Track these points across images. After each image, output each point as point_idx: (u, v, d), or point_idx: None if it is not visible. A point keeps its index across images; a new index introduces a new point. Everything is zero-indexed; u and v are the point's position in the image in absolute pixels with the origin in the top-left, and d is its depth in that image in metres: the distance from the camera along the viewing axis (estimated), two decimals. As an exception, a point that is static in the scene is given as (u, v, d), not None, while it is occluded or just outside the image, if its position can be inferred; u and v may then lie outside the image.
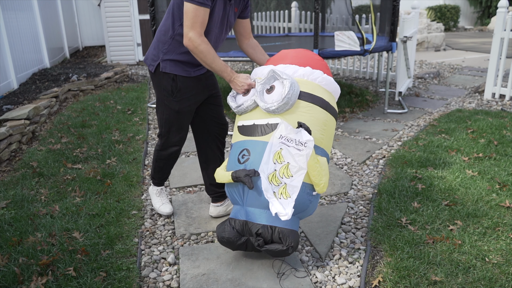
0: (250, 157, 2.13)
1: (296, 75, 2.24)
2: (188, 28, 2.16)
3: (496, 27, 5.37)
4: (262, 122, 2.17)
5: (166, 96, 2.39)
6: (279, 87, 2.17)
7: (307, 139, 2.04)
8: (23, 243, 2.45)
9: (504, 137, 3.98)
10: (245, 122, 2.24)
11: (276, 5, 11.77)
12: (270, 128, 2.14)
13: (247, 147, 2.17)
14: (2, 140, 3.76)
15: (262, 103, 2.16)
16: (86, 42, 10.17)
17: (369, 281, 2.16)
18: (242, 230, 2.16)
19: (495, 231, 2.50)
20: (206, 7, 2.16)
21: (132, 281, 2.15)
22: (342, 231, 2.63)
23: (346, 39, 4.30)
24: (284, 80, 2.14)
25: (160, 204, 2.80)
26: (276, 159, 2.07)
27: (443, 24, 15.05)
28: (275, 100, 2.14)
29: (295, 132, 2.07)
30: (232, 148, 2.29)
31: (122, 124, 4.70)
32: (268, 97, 2.19)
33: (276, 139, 2.09)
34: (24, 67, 6.11)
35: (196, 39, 2.16)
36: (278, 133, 2.09)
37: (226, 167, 2.26)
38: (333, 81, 2.30)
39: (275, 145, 2.09)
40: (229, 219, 2.21)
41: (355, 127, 4.61)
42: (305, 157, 2.03)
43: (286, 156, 2.06)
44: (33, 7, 6.67)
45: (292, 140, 2.07)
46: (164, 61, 2.34)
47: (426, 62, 8.69)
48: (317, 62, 2.34)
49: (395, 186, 3.07)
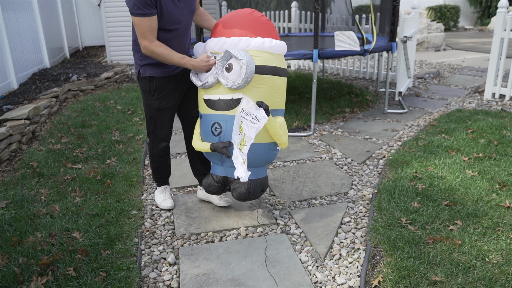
0: (222, 130, 2.49)
1: (250, 47, 2.46)
2: (141, 38, 2.37)
3: (496, 27, 5.37)
4: (227, 98, 2.46)
5: (147, 96, 2.64)
6: (237, 66, 2.42)
7: (262, 116, 2.39)
8: (23, 243, 2.45)
9: (504, 137, 3.98)
10: (211, 96, 2.51)
11: (276, 5, 11.77)
12: (235, 102, 2.46)
13: (218, 120, 2.49)
14: (2, 140, 3.76)
15: (224, 81, 2.43)
16: (86, 42, 10.17)
17: (369, 281, 2.16)
18: (224, 182, 2.64)
19: (495, 231, 2.50)
20: (151, 16, 2.33)
21: (132, 281, 2.15)
22: (342, 231, 2.63)
23: (346, 39, 4.30)
24: (240, 61, 2.36)
25: (162, 200, 2.91)
26: (239, 131, 2.45)
27: (443, 24, 15.05)
28: (235, 80, 2.42)
29: (255, 107, 2.42)
30: (202, 119, 2.58)
31: (122, 124, 4.70)
32: (228, 75, 2.44)
33: (239, 112, 2.44)
34: (24, 67, 6.11)
35: (149, 47, 2.38)
36: (240, 107, 2.43)
37: (201, 138, 2.62)
38: (281, 42, 2.55)
39: (238, 117, 2.45)
40: (211, 174, 2.66)
41: (355, 127, 4.61)
42: (255, 130, 2.40)
43: (245, 128, 2.43)
44: (33, 7, 6.66)
45: (250, 114, 2.42)
46: (142, 67, 2.58)
47: (426, 62, 8.69)
48: (264, 25, 2.54)
49: (395, 186, 3.07)
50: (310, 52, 4.28)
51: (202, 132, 2.61)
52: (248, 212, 2.85)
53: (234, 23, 2.52)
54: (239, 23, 2.51)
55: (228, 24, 2.53)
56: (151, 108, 2.66)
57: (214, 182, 2.64)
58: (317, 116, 4.95)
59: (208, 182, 2.66)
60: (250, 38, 2.46)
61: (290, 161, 3.71)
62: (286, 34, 6.75)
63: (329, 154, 3.84)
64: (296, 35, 6.59)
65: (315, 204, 2.96)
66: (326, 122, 4.80)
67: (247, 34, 2.49)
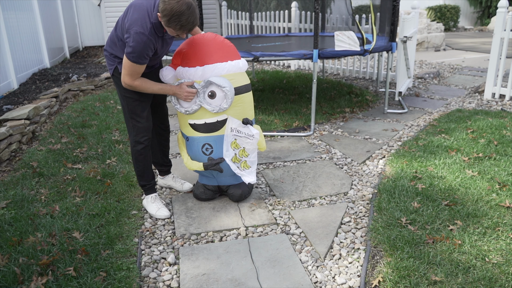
0: (213, 150, 2.79)
1: (224, 72, 2.67)
2: (124, 75, 2.51)
3: (496, 27, 5.37)
4: (212, 121, 2.73)
5: (126, 90, 2.66)
6: (220, 93, 2.65)
7: (255, 132, 2.75)
8: (23, 243, 2.45)
9: (504, 137, 3.98)
10: (196, 121, 2.74)
11: (276, 5, 11.78)
12: (221, 123, 2.74)
13: (208, 142, 2.77)
14: (2, 140, 3.76)
15: (209, 107, 2.67)
16: (86, 42, 10.17)
17: (369, 281, 2.16)
18: (216, 190, 3.00)
19: (495, 231, 2.50)
20: (143, 64, 2.49)
21: (132, 281, 2.16)
22: (342, 231, 2.63)
23: (346, 39, 4.30)
24: (223, 88, 2.62)
25: (157, 210, 2.83)
26: (234, 147, 2.79)
27: (443, 24, 15.05)
28: (219, 104, 2.67)
29: (242, 126, 2.75)
30: (190, 141, 2.82)
31: (122, 124, 4.70)
32: (212, 101, 2.67)
33: (229, 132, 2.76)
34: (24, 67, 6.11)
35: (130, 83, 2.53)
36: (228, 127, 2.74)
37: (191, 157, 2.87)
38: (244, 61, 2.83)
39: (229, 136, 2.76)
40: (204, 184, 2.98)
41: (355, 127, 4.61)
42: (255, 144, 2.81)
43: (241, 143, 2.79)
44: (33, 7, 6.67)
45: (241, 131, 2.76)
46: (120, 63, 2.63)
47: (426, 62, 8.69)
48: (229, 48, 2.74)
49: (395, 186, 3.07)
50: (310, 52, 4.28)
51: (191, 153, 2.85)
52: (248, 212, 2.85)
53: (203, 50, 2.66)
54: (207, 50, 2.66)
55: (197, 52, 2.66)
56: (130, 99, 2.68)
57: (208, 191, 2.97)
58: (317, 116, 4.95)
59: (201, 191, 2.97)
60: (222, 64, 2.67)
61: (290, 161, 3.71)
62: (286, 34, 6.74)
63: (329, 154, 3.84)
64: (296, 35, 6.59)
65: (315, 204, 2.96)
66: (326, 122, 4.80)
67: (217, 59, 2.66)
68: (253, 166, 2.85)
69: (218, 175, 2.89)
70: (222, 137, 2.77)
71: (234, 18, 8.91)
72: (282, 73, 7.55)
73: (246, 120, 2.74)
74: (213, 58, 2.66)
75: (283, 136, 4.35)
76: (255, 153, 2.85)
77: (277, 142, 4.20)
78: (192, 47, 2.67)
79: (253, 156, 2.84)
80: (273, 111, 5.14)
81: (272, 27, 8.25)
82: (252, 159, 2.84)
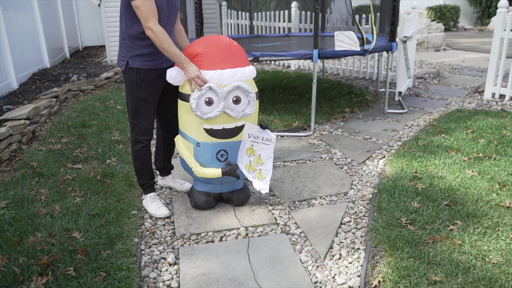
0: (229, 156, 2.75)
1: (245, 77, 2.64)
2: (145, 20, 2.45)
3: (496, 27, 5.37)
4: (231, 126, 2.67)
5: (133, 88, 2.68)
6: (245, 99, 2.64)
7: (272, 137, 2.74)
8: (23, 243, 2.45)
9: (504, 137, 3.98)
10: (213, 126, 2.65)
11: (276, 5, 11.77)
12: (239, 129, 2.71)
13: (224, 148, 2.71)
14: (2, 140, 3.76)
15: (233, 113, 2.62)
16: (86, 42, 10.16)
17: (369, 281, 2.16)
18: (219, 197, 2.94)
19: (495, 231, 2.50)
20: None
21: (132, 281, 2.15)
22: (342, 231, 2.63)
23: (346, 39, 4.30)
24: (250, 94, 2.62)
25: (156, 209, 2.83)
26: (249, 154, 2.77)
27: (443, 24, 15.05)
28: (242, 110, 2.65)
29: (260, 131, 2.73)
30: (203, 147, 2.71)
31: (122, 124, 4.70)
32: (236, 107, 2.63)
33: (247, 138, 2.74)
34: (24, 67, 6.11)
35: (154, 27, 2.46)
36: (246, 133, 2.73)
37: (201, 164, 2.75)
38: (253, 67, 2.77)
39: (246, 142, 2.75)
40: (206, 192, 2.87)
41: (355, 127, 4.61)
42: (272, 149, 2.76)
43: (257, 150, 2.77)
44: (33, 7, 6.66)
45: (259, 137, 2.74)
46: (131, 58, 2.63)
47: (426, 62, 8.69)
48: (243, 53, 2.69)
49: (395, 186, 3.07)
50: (310, 52, 4.28)
51: (201, 159, 2.74)
52: (248, 212, 2.85)
53: (224, 54, 2.60)
54: (227, 53, 2.60)
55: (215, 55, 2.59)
56: (137, 99, 2.70)
57: (211, 198, 2.89)
58: (317, 116, 4.95)
59: (203, 199, 2.87)
60: (243, 68, 2.63)
61: (290, 161, 3.71)
62: (286, 34, 6.74)
63: (329, 154, 3.84)
64: (296, 35, 6.59)
65: (315, 204, 2.96)
66: (326, 122, 4.80)
67: (237, 64, 2.62)
68: (268, 177, 2.78)
69: (223, 181, 2.82)
70: (238, 143, 2.73)
71: (234, 18, 8.91)
72: (282, 73, 7.55)
73: (264, 125, 2.71)
74: (233, 62, 2.60)
75: (283, 136, 4.35)
76: (270, 163, 2.78)
77: (277, 142, 4.20)
78: (210, 49, 2.58)
79: (268, 165, 2.78)
80: (273, 111, 5.14)
81: (272, 27, 8.25)
82: (267, 168, 2.79)
